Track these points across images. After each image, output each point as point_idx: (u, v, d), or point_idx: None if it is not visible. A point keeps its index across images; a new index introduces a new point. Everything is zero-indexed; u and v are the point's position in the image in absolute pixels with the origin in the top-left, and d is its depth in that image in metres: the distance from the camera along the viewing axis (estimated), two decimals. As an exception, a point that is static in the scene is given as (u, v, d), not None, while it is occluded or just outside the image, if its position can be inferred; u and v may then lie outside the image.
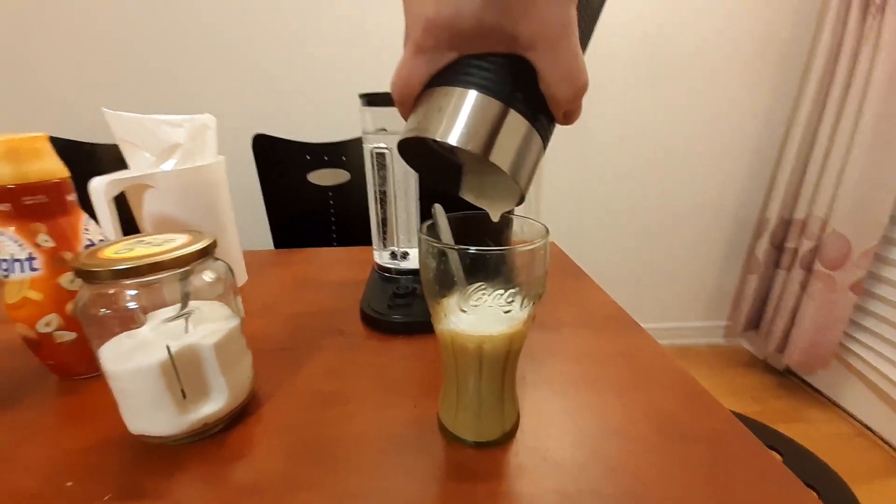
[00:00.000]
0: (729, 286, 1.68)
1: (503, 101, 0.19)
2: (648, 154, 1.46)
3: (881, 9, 1.13)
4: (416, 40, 0.20)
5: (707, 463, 0.29)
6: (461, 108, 0.19)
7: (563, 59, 0.19)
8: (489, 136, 0.19)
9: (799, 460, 0.53)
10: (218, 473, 0.28)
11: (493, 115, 0.19)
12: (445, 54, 0.20)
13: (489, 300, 0.25)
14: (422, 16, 0.19)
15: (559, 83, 0.20)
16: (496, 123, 0.19)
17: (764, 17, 1.32)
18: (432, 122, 0.20)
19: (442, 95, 0.20)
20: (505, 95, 0.19)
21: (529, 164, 0.21)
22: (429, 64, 0.20)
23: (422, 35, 0.19)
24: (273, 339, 0.45)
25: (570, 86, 0.20)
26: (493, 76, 0.19)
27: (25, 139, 0.32)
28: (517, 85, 0.20)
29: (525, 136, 0.20)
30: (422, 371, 0.39)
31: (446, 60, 0.20)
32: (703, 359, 1.65)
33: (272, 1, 1.19)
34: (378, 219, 0.51)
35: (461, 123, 0.19)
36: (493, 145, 0.19)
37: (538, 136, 0.21)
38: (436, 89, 0.20)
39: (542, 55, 0.19)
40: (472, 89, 0.19)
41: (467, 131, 0.19)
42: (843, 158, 1.24)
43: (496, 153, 0.19)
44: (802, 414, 1.35)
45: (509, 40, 0.19)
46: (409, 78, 0.21)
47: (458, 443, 0.31)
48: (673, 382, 0.38)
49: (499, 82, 0.19)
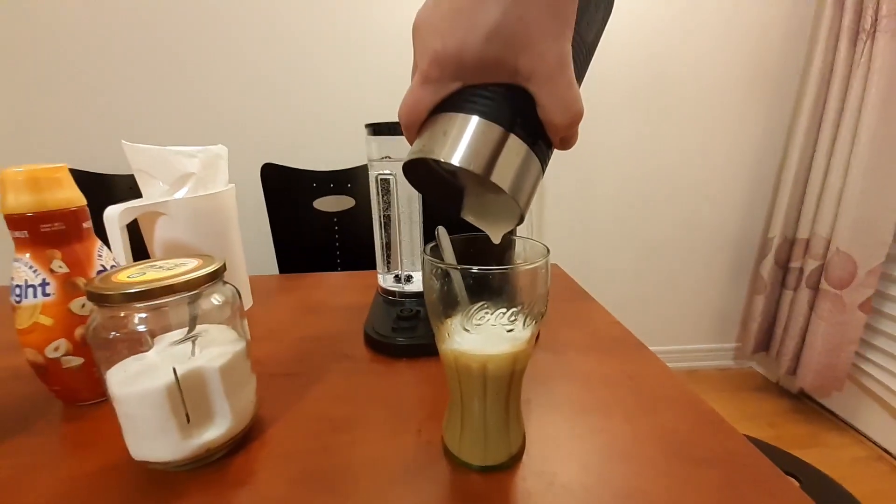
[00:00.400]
0: (736, 307, 1.66)
1: (504, 126, 0.20)
2: (650, 178, 1.48)
3: (871, 34, 1.17)
4: (423, 71, 0.21)
5: (721, 488, 0.28)
6: (464, 132, 0.20)
7: (559, 90, 0.21)
8: (490, 158, 0.20)
9: (817, 486, 0.51)
10: (220, 500, 0.28)
11: (495, 139, 0.20)
12: (450, 84, 0.21)
13: (492, 319, 0.25)
14: (430, 49, 0.21)
15: (556, 112, 0.21)
16: (497, 146, 0.20)
17: (757, 44, 1.36)
18: (437, 144, 0.21)
19: (446, 121, 0.21)
20: (505, 121, 0.20)
21: (528, 184, 0.22)
22: (434, 93, 0.21)
23: (429, 66, 0.21)
24: (278, 364, 0.45)
25: (565, 114, 0.21)
26: (494, 104, 0.21)
27: (46, 169, 0.33)
28: (517, 112, 0.21)
29: (524, 160, 0.21)
30: (426, 395, 0.39)
31: (451, 90, 0.21)
32: (712, 382, 1.62)
33: (281, 38, 1.24)
34: (382, 243, 0.52)
35: (464, 146, 0.20)
36: (493, 166, 0.20)
37: (536, 160, 0.22)
38: (440, 115, 0.22)
39: (540, 86, 0.21)
40: (475, 115, 0.20)
41: (470, 153, 0.20)
42: (842, 178, 1.25)
43: (497, 174, 0.20)
44: (819, 438, 1.31)
45: (510, 72, 0.20)
46: (415, 105, 0.22)
47: (464, 468, 0.30)
48: (683, 405, 0.37)
49: (500, 109, 0.21)
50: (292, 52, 1.26)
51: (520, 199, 0.21)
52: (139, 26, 1.20)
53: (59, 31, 1.17)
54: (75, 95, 1.23)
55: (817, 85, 1.29)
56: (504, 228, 0.26)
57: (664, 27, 1.33)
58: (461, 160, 0.20)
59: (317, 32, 1.25)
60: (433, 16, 0.21)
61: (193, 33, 1.22)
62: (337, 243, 1.11)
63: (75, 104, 1.23)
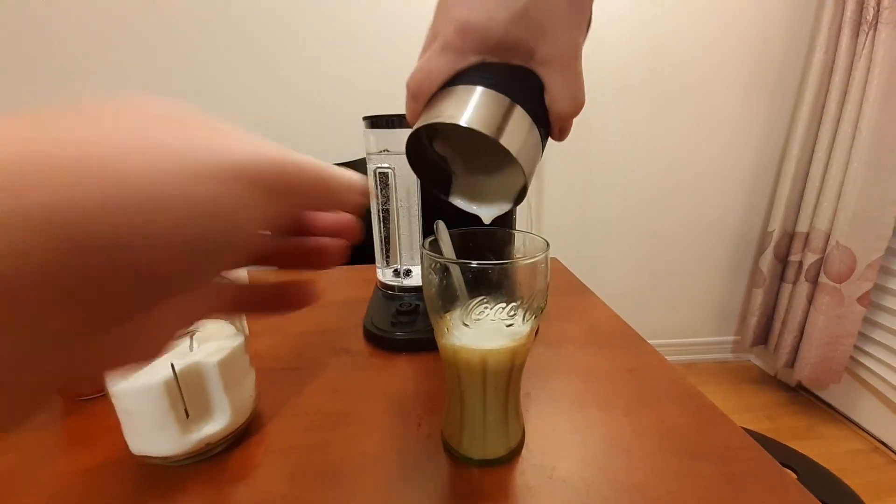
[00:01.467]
0: (735, 301, 1.66)
1: (512, 98, 0.22)
2: (649, 171, 1.47)
3: (873, 26, 1.16)
4: (445, 39, 0.22)
5: (719, 481, 0.28)
6: (474, 100, 0.22)
7: (570, 78, 0.22)
8: (500, 124, 0.21)
9: (814, 478, 0.51)
10: (219, 495, 0.28)
11: (503, 109, 0.22)
12: (468, 57, 0.22)
13: (491, 314, 0.25)
14: (455, 18, 0.21)
15: (563, 98, 0.22)
16: (505, 115, 0.22)
17: (758, 37, 1.35)
18: (451, 109, 0.22)
19: (462, 91, 0.22)
20: (513, 95, 0.22)
21: (532, 156, 0.23)
22: (452, 62, 0.22)
23: (453, 35, 0.22)
24: (277, 359, 0.45)
25: (571, 102, 0.23)
26: (506, 81, 0.22)
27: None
28: (526, 92, 0.22)
29: (528, 132, 0.22)
30: (425, 389, 0.39)
31: (468, 62, 0.22)
32: (711, 375, 1.62)
33: (278, 30, 1.23)
34: (381, 237, 0.52)
35: (475, 111, 0.21)
36: (503, 131, 0.21)
37: (538, 136, 0.23)
38: (456, 87, 0.22)
39: (553, 72, 0.22)
40: (488, 87, 0.22)
41: (481, 117, 0.21)
42: (842, 172, 1.24)
43: (506, 138, 0.21)
44: (816, 430, 1.32)
45: (526, 54, 0.21)
46: (431, 71, 0.22)
47: (463, 461, 0.30)
48: (682, 399, 0.37)
49: (510, 86, 0.22)
50: (289, 44, 1.25)
51: (525, 164, 0.22)
52: (134, 19, 1.18)
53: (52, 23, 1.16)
54: (72, 91, 1.21)
55: (819, 77, 1.28)
56: (495, 211, 0.26)
57: (664, 19, 1.32)
58: (474, 122, 0.21)
59: (314, 24, 1.24)
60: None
61: (190, 26, 1.20)
62: (336, 237, 1.11)
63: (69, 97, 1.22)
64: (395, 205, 0.50)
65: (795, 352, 1.43)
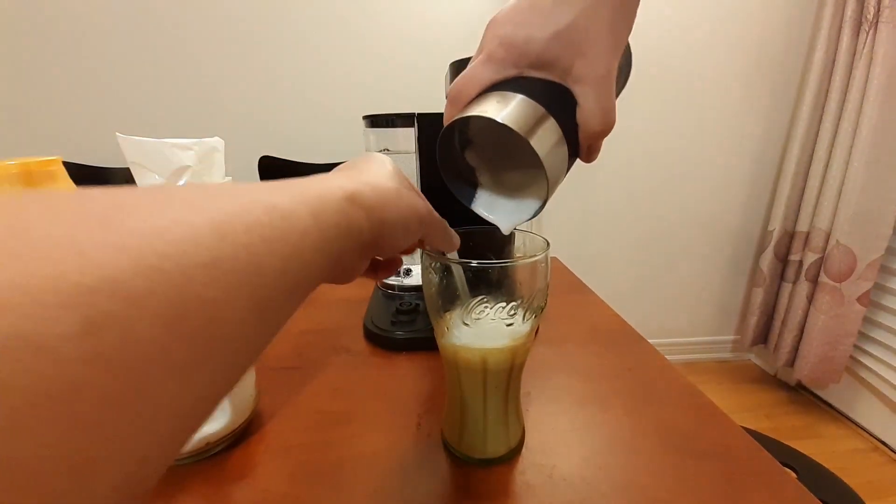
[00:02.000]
0: (735, 300, 1.66)
1: (546, 109, 0.23)
2: (649, 170, 1.47)
3: (873, 24, 1.15)
4: (489, 51, 0.24)
5: (719, 480, 0.28)
6: (514, 105, 0.23)
7: (603, 97, 0.23)
8: (532, 128, 0.22)
9: (814, 477, 0.51)
10: (219, 494, 0.28)
11: (536, 116, 0.23)
12: (508, 69, 0.23)
13: (491, 313, 0.25)
14: (500, 33, 0.23)
15: (595, 115, 0.24)
16: (538, 122, 0.23)
17: (758, 36, 1.35)
18: (488, 108, 0.23)
19: (499, 95, 0.23)
20: (547, 107, 0.23)
21: (557, 167, 0.24)
22: (493, 72, 0.24)
23: (496, 47, 0.23)
24: (277, 358, 0.45)
25: (602, 120, 0.24)
26: (542, 94, 0.23)
27: (40, 162, 0.33)
28: (559, 107, 0.23)
29: (557, 143, 0.23)
30: (425, 388, 0.39)
31: (507, 74, 0.24)
32: (711, 374, 1.62)
33: (278, 29, 1.23)
34: (381, 236, 0.52)
35: (512, 113, 0.22)
36: (533, 135, 0.22)
37: (566, 153, 0.24)
38: (494, 92, 0.24)
39: (587, 90, 0.23)
40: (525, 95, 0.23)
41: (515, 119, 0.22)
42: (843, 171, 1.24)
43: (535, 142, 0.22)
44: (816, 430, 1.32)
45: (563, 72, 0.23)
46: (472, 78, 0.24)
47: (463, 460, 0.30)
48: (682, 398, 0.37)
49: (546, 99, 0.23)
50: (289, 43, 1.25)
51: (550, 173, 0.23)
52: (134, 16, 1.18)
53: (53, 21, 1.16)
54: (69, 87, 1.21)
55: (819, 76, 1.28)
56: (515, 220, 0.27)
57: (665, 18, 1.32)
58: (508, 120, 0.22)
59: (314, 23, 1.24)
60: (511, 10, 0.23)
61: (189, 25, 1.20)
62: (336, 237, 1.11)
63: (69, 96, 1.22)
64: (395, 204, 0.50)
65: (795, 351, 1.43)
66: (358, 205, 0.18)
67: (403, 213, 0.20)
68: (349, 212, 0.17)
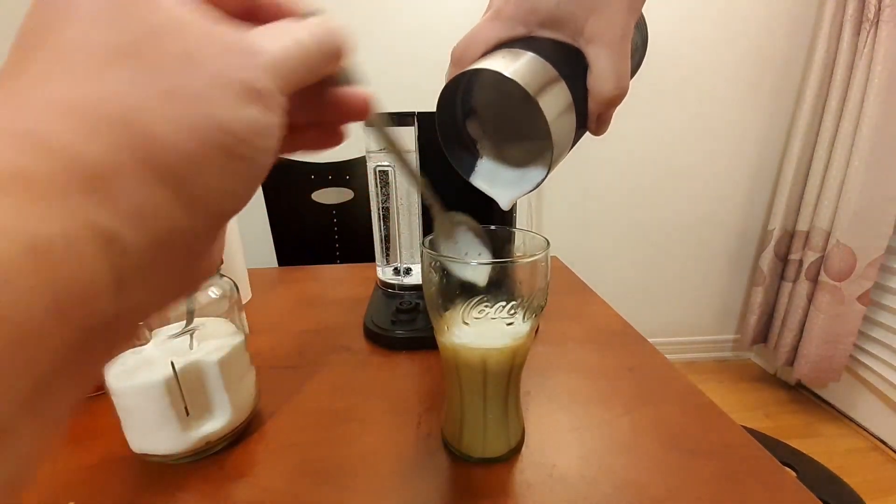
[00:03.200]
0: (735, 299, 1.66)
1: (558, 72, 0.21)
2: (650, 169, 1.47)
3: (874, 23, 1.15)
4: (497, 7, 0.22)
5: (719, 479, 0.29)
6: (523, 61, 0.21)
7: (616, 59, 0.21)
8: (541, 88, 0.21)
9: (813, 476, 0.52)
10: (220, 493, 0.28)
11: (548, 78, 0.21)
12: (517, 27, 0.22)
13: (491, 313, 0.25)
14: None
15: (607, 78, 0.22)
16: (548, 84, 0.21)
17: (759, 35, 1.34)
18: (497, 62, 0.21)
19: (509, 52, 0.22)
20: (559, 69, 0.21)
21: (564, 135, 0.22)
22: (501, 30, 0.22)
23: (504, 3, 0.22)
24: (277, 357, 0.45)
25: (614, 84, 0.22)
26: (553, 54, 0.21)
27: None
28: (571, 70, 0.22)
29: (566, 109, 0.22)
30: (426, 387, 0.39)
31: (516, 33, 0.22)
32: (711, 373, 1.63)
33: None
34: (381, 235, 0.52)
35: (521, 70, 0.20)
36: (542, 95, 0.20)
37: (574, 122, 0.22)
38: (503, 49, 0.22)
39: (600, 50, 0.21)
40: (536, 54, 0.21)
41: (524, 75, 0.20)
42: (843, 171, 1.24)
43: (544, 104, 0.20)
44: (815, 429, 1.32)
45: (575, 31, 0.21)
46: (478, 35, 0.22)
47: (463, 460, 0.30)
48: (682, 397, 0.37)
49: (557, 59, 0.21)
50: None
51: (556, 139, 0.21)
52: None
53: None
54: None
55: (820, 75, 1.28)
56: (516, 193, 0.25)
57: (666, 18, 1.31)
58: (517, 76, 0.20)
59: (314, 22, 1.24)
60: None
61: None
62: (336, 236, 1.11)
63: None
64: (395, 203, 0.50)
65: (795, 350, 1.43)
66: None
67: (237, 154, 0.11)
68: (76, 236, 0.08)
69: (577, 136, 0.23)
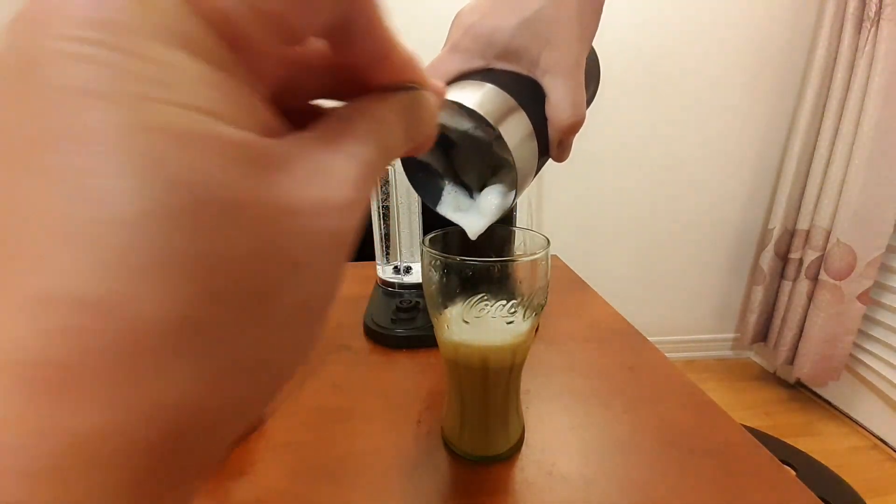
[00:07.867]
0: (735, 298, 1.66)
1: (517, 101, 0.22)
2: (650, 168, 1.47)
3: (875, 22, 1.15)
4: (455, 40, 0.23)
5: (718, 477, 0.29)
6: (484, 93, 0.21)
7: (572, 88, 0.22)
8: (502, 117, 0.21)
9: (813, 474, 0.52)
10: (219, 490, 0.28)
11: (507, 108, 0.22)
12: (475, 60, 0.23)
13: (492, 311, 0.25)
14: (466, 23, 0.23)
15: (564, 108, 0.23)
16: (508, 112, 0.22)
17: (760, 33, 1.34)
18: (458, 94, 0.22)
19: (469, 83, 0.22)
20: (518, 100, 0.22)
21: (527, 162, 0.23)
22: (459, 62, 0.23)
23: (461, 37, 0.23)
24: (277, 355, 0.45)
25: (572, 111, 0.23)
26: (512, 85, 0.22)
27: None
28: (529, 100, 0.22)
29: (527, 137, 0.22)
30: (425, 385, 0.39)
31: (474, 65, 0.23)
32: (711, 372, 1.63)
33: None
34: (381, 234, 0.52)
35: (483, 101, 0.21)
36: (503, 124, 0.21)
37: (535, 149, 0.23)
38: (463, 81, 0.23)
39: (556, 80, 0.22)
40: (495, 85, 0.22)
41: (483, 105, 0.21)
42: (844, 169, 1.24)
43: (505, 132, 0.21)
44: (815, 427, 1.32)
45: (531, 63, 0.22)
46: (437, 68, 0.23)
47: (463, 458, 0.30)
48: (681, 395, 0.37)
49: (516, 90, 0.22)
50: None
51: (519, 166, 0.22)
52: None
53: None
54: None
55: (821, 73, 1.28)
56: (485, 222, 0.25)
57: (665, 16, 1.31)
58: (479, 107, 0.21)
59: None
60: (478, 1, 0.23)
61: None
62: (336, 234, 1.11)
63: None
64: (395, 202, 0.50)
65: (795, 349, 1.43)
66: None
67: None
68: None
69: (539, 164, 0.24)
